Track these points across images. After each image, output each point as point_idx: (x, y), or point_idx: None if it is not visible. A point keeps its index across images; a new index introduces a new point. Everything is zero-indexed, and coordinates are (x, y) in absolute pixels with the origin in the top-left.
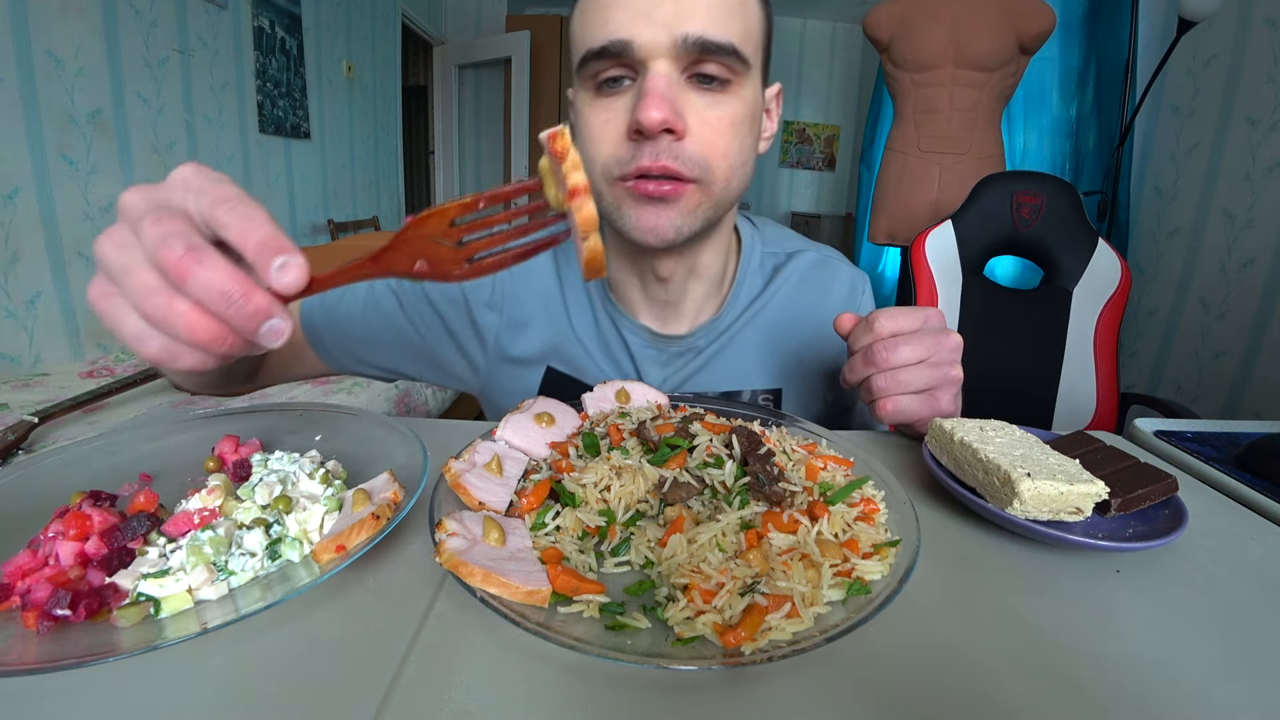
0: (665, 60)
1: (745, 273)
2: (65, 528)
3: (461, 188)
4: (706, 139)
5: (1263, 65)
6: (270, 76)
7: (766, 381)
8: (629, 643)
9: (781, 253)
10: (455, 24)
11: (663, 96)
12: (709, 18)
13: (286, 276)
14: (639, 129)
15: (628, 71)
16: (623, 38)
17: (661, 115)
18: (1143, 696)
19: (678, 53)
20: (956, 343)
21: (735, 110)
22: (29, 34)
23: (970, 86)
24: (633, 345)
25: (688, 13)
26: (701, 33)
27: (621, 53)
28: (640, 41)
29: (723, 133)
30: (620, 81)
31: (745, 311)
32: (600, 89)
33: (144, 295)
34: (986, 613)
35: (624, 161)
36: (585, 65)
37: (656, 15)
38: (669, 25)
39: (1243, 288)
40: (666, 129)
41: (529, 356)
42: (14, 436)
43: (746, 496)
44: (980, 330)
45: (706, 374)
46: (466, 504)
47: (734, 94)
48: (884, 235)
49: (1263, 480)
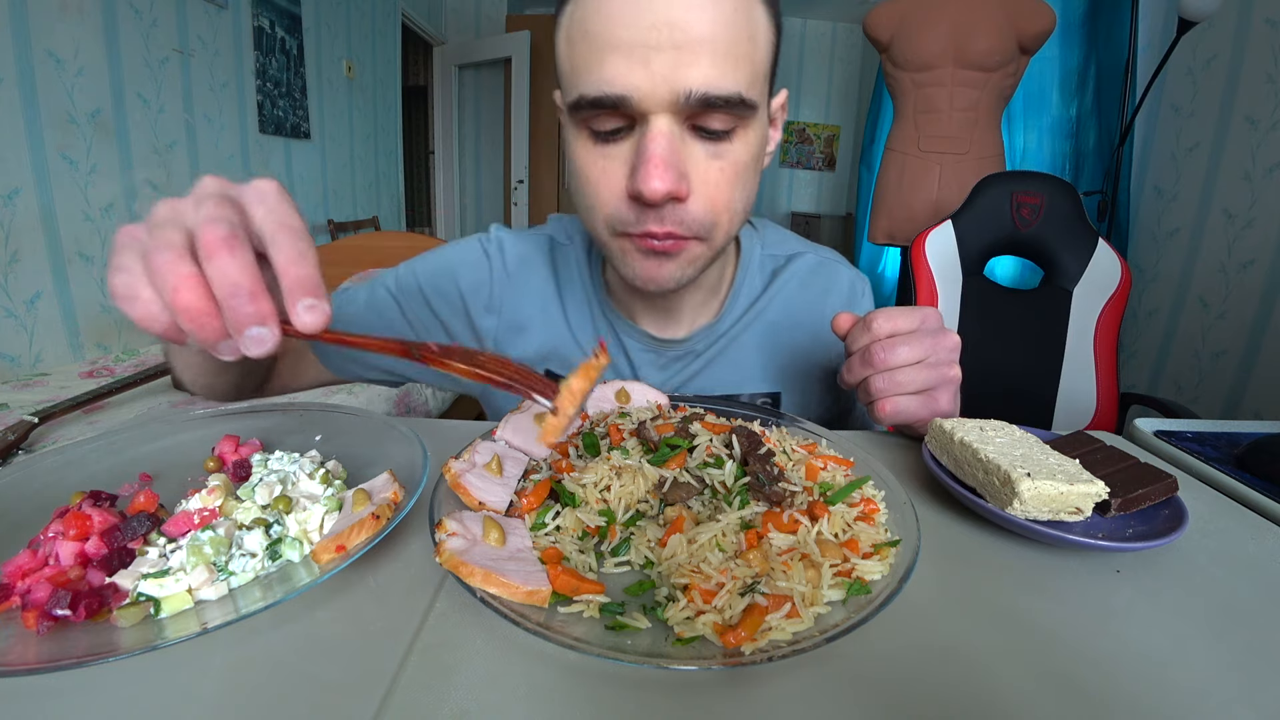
0: (666, 116)
1: (744, 276)
2: (65, 528)
3: (461, 188)
4: (709, 196)
5: (1263, 65)
6: (270, 76)
7: (765, 385)
8: (629, 643)
9: (781, 255)
10: (455, 24)
11: (664, 162)
12: (714, 66)
13: (309, 316)
14: (639, 198)
15: (624, 121)
16: (619, 93)
17: (665, 187)
18: (1143, 696)
19: (679, 108)
20: (954, 342)
21: (739, 156)
22: (29, 34)
23: (970, 86)
24: (631, 349)
25: (689, 60)
26: (706, 88)
27: (618, 105)
28: (638, 97)
29: (726, 187)
30: (617, 132)
31: (744, 315)
32: (595, 135)
33: (159, 248)
34: (986, 613)
35: (627, 222)
36: (579, 109)
37: (655, 65)
38: (669, 78)
39: (1243, 288)
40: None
41: (528, 359)
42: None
43: (746, 496)
44: (980, 330)
45: (705, 377)
46: (466, 504)
47: (739, 139)
48: (884, 235)
49: (1263, 480)
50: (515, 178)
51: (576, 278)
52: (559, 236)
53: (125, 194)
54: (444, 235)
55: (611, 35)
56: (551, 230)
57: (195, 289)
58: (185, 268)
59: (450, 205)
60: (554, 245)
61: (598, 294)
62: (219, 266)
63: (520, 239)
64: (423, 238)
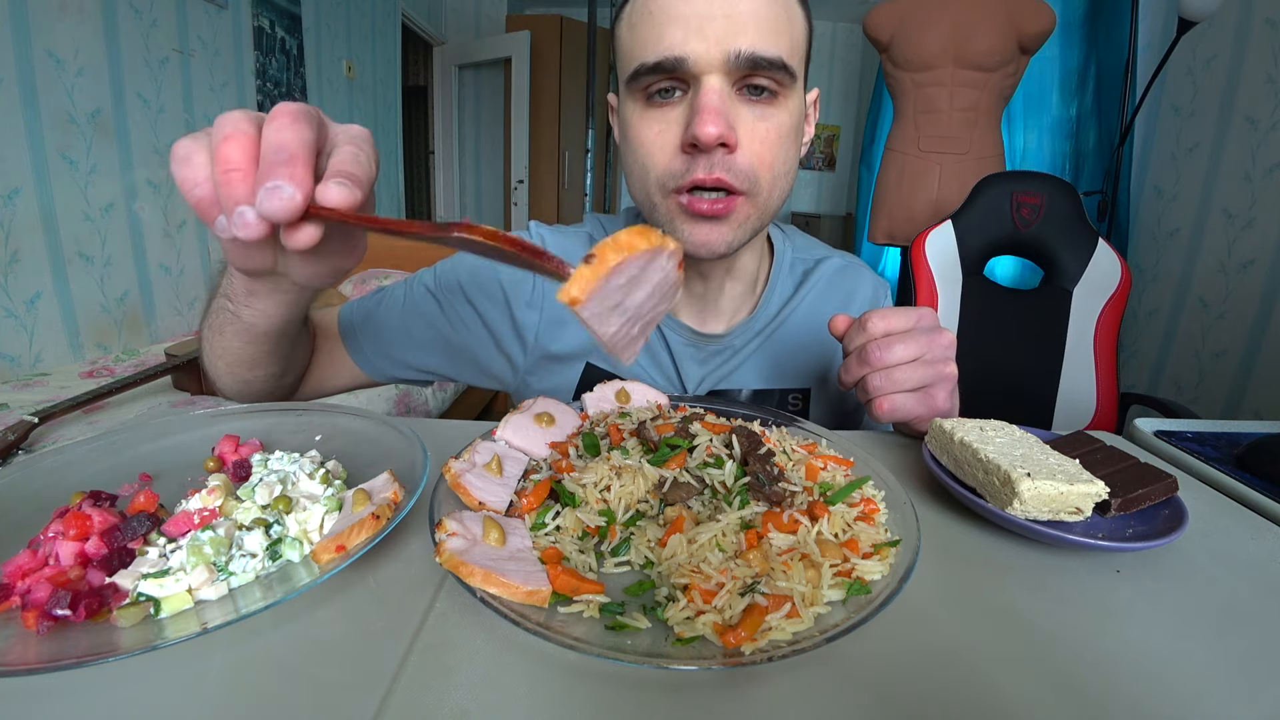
0: (718, 75)
1: (778, 276)
2: (65, 528)
3: (461, 188)
4: (755, 151)
5: (1263, 65)
6: (270, 76)
7: (797, 381)
8: (629, 643)
9: (810, 259)
10: (455, 24)
11: (719, 112)
12: (759, 33)
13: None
14: (695, 142)
15: (679, 84)
16: (677, 54)
17: (718, 130)
18: (1143, 697)
19: (729, 68)
20: (949, 340)
21: (783, 122)
22: (29, 34)
23: (970, 86)
24: (673, 343)
25: (739, 28)
26: (753, 49)
27: (675, 68)
28: (694, 57)
29: (771, 145)
30: (671, 93)
31: (778, 314)
32: (651, 100)
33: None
34: (986, 613)
35: (678, 175)
36: (637, 78)
37: (709, 31)
38: (721, 41)
39: (1243, 288)
40: (721, 143)
41: (569, 353)
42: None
43: (746, 496)
44: (980, 330)
45: (742, 373)
46: (466, 504)
47: (781, 105)
48: (884, 235)
49: (1263, 480)
50: (515, 178)
51: None
52: (597, 234)
53: (125, 194)
54: None
55: (673, 11)
56: (590, 228)
57: (242, 143)
58: (245, 126)
59: (450, 205)
60: (593, 242)
61: None
62: (275, 128)
63: (560, 234)
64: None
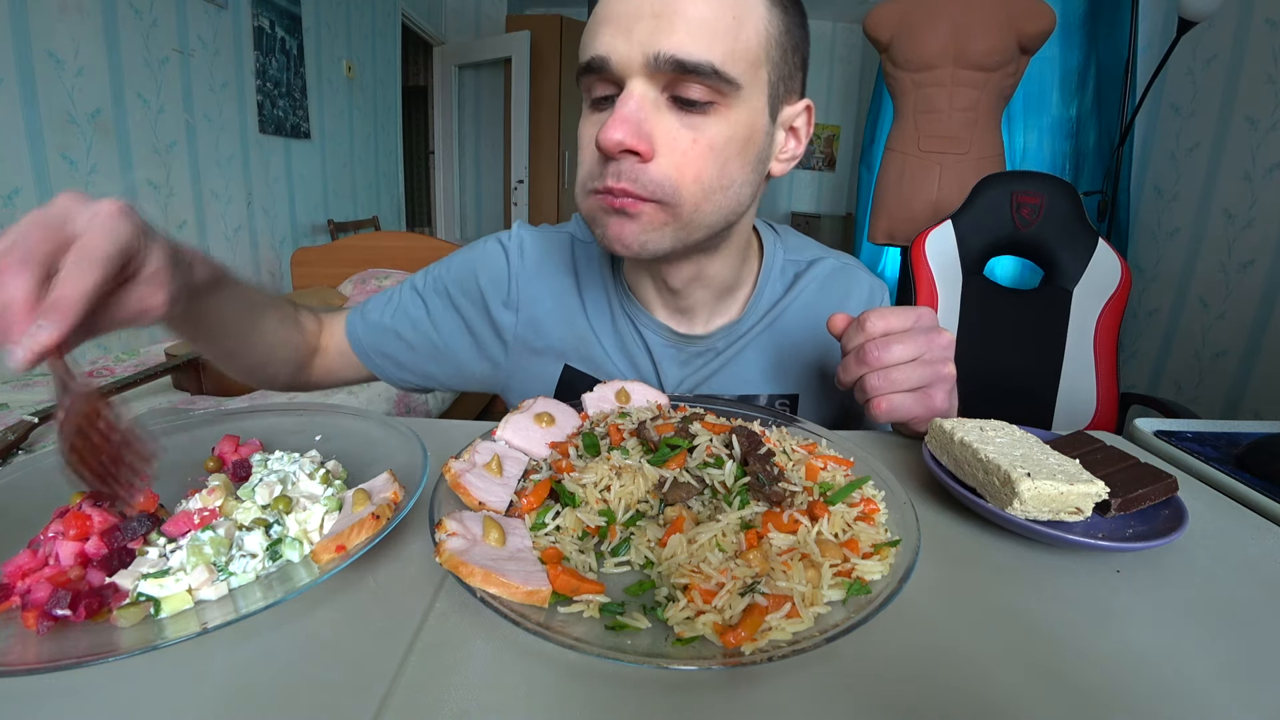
0: (641, 79)
1: (767, 279)
2: (65, 528)
3: (461, 188)
4: (675, 163)
5: (1263, 65)
6: (270, 76)
7: (784, 386)
8: (629, 643)
9: (802, 260)
10: (455, 24)
11: (625, 118)
12: (689, 35)
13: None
14: (599, 148)
15: (613, 89)
16: (602, 54)
17: (619, 137)
18: (1143, 696)
19: (651, 71)
20: (948, 340)
21: (717, 133)
22: (29, 34)
23: (970, 86)
24: (652, 344)
25: (666, 29)
26: (675, 52)
27: (601, 69)
28: (616, 58)
29: (697, 157)
30: (610, 99)
31: (765, 316)
32: (594, 104)
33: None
34: (986, 613)
35: (595, 177)
36: (579, 79)
37: (635, 31)
38: (644, 43)
39: (1243, 288)
40: (627, 150)
41: (547, 353)
42: (14, 436)
43: (746, 496)
44: (980, 330)
45: (724, 376)
46: (466, 504)
47: (718, 116)
48: (884, 235)
49: (1263, 480)
50: (515, 178)
51: (597, 272)
52: (580, 234)
53: (125, 194)
54: (444, 235)
55: (609, 10)
56: (573, 228)
57: None
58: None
59: (450, 205)
60: (575, 242)
61: (618, 288)
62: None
63: (542, 236)
64: (422, 238)
